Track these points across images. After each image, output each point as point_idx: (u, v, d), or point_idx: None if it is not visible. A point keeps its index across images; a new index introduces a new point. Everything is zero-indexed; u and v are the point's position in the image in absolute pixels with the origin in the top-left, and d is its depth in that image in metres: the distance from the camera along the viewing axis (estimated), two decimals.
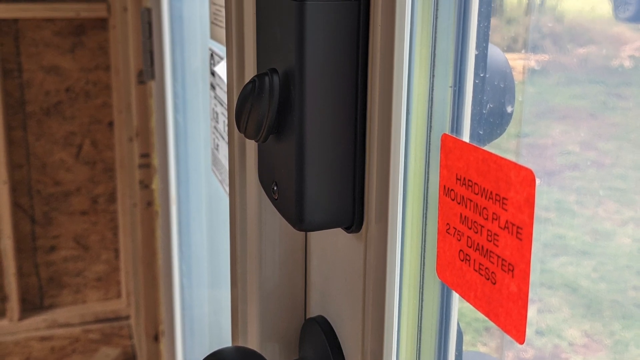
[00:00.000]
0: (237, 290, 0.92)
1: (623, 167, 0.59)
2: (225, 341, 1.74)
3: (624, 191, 0.60)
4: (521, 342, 0.50)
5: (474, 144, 0.54)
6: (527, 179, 0.48)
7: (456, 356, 0.66)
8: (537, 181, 0.48)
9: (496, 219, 0.52)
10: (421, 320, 0.66)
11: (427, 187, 0.63)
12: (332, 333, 0.78)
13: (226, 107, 1.22)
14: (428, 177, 0.63)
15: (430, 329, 0.66)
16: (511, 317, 0.51)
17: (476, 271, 0.54)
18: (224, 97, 1.37)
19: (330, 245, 0.77)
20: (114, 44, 2.97)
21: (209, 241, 2.01)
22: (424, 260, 0.65)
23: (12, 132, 3.03)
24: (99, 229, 3.29)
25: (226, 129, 1.35)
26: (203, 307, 2.16)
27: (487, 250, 0.53)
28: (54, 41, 2.99)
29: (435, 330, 0.66)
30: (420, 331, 0.66)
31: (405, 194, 0.63)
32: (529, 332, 0.51)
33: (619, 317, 0.62)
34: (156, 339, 2.72)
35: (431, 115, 0.61)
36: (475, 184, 0.54)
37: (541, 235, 0.60)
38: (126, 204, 3.06)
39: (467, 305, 0.56)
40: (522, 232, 0.49)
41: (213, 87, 1.49)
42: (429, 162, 0.62)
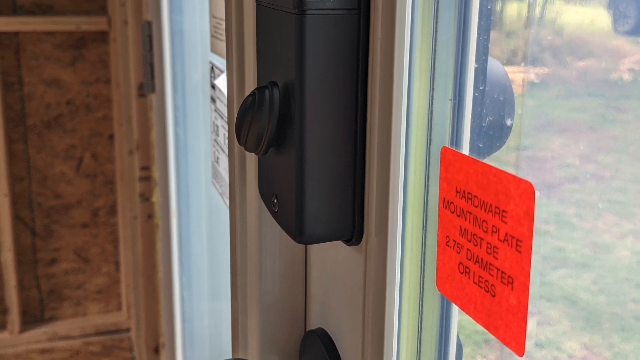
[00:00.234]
0: (237, 303, 0.92)
1: (622, 179, 0.59)
2: (226, 353, 1.74)
3: (623, 204, 0.60)
4: (521, 354, 0.50)
5: (474, 157, 0.54)
6: (527, 191, 0.48)
7: None
8: (537, 194, 0.48)
9: (496, 232, 0.52)
10: (421, 332, 0.66)
11: (427, 199, 0.63)
12: (332, 345, 0.78)
13: (226, 120, 1.22)
14: (428, 189, 0.63)
15: (430, 341, 0.66)
16: (511, 330, 0.51)
17: (476, 284, 0.54)
18: (224, 110, 1.37)
19: (330, 257, 0.77)
20: (115, 57, 2.97)
21: (209, 254, 2.01)
22: (423, 273, 0.65)
23: (13, 145, 3.03)
24: (99, 241, 3.29)
25: (226, 141, 1.35)
26: (203, 320, 2.16)
27: (486, 262, 0.53)
28: (54, 54, 2.99)
29: (435, 342, 0.66)
30: (420, 343, 0.66)
31: (405, 206, 0.63)
32: (529, 344, 0.51)
33: (618, 330, 0.62)
34: (157, 351, 2.72)
35: (431, 128, 0.61)
36: (475, 196, 0.54)
37: (541, 247, 0.60)
38: (127, 217, 3.06)
39: (466, 317, 0.56)
40: (521, 245, 0.49)
41: (213, 100, 1.49)
42: (428, 174, 0.62)
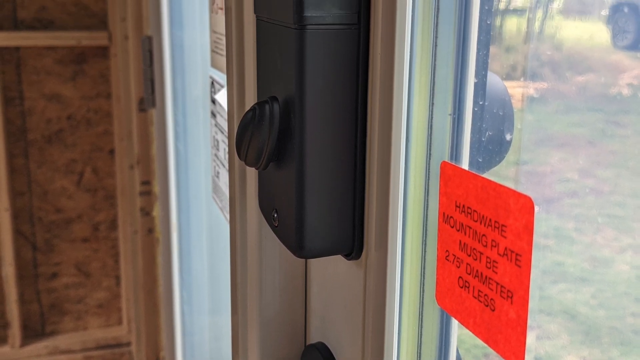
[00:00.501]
0: (237, 317, 0.92)
1: (621, 194, 0.59)
2: None
3: (622, 218, 0.60)
4: None
5: (473, 172, 0.54)
6: (526, 206, 0.48)
7: None
8: (536, 208, 0.48)
9: (495, 246, 0.52)
10: (421, 346, 0.66)
11: (427, 214, 0.63)
12: (332, 359, 0.78)
13: (227, 135, 1.22)
14: (427, 204, 0.63)
15: (430, 355, 0.66)
16: (510, 344, 0.51)
17: (475, 298, 0.55)
18: (224, 124, 1.37)
19: (330, 272, 0.77)
20: (115, 72, 2.97)
21: (210, 268, 2.01)
22: (423, 287, 0.65)
23: (14, 160, 3.03)
24: (100, 256, 3.29)
25: (227, 156, 1.36)
26: (204, 334, 2.16)
27: (486, 277, 0.53)
28: (55, 69, 2.99)
29: (434, 356, 0.66)
30: (420, 358, 0.66)
31: (405, 221, 0.63)
32: (528, 358, 0.51)
33: (618, 344, 0.62)
34: None
35: (430, 143, 0.62)
36: (475, 211, 0.54)
37: (540, 262, 0.60)
38: (127, 231, 3.05)
39: (466, 331, 0.56)
40: (521, 259, 0.49)
41: (214, 114, 1.50)
42: (428, 189, 0.63)
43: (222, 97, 1.41)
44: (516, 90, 0.62)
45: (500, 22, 0.62)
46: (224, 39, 1.16)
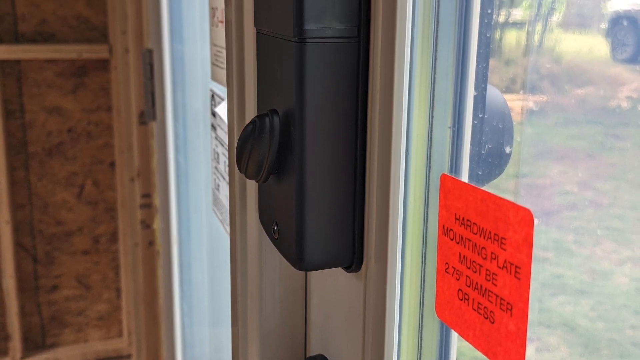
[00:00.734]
0: (237, 329, 0.92)
1: (621, 207, 0.59)
2: None
3: (621, 231, 0.60)
4: None
5: (473, 184, 0.54)
6: (526, 218, 0.49)
7: None
8: (536, 221, 0.48)
9: (495, 259, 0.52)
10: (420, 359, 0.66)
11: (426, 226, 0.63)
12: None
13: (227, 148, 1.22)
14: (427, 216, 0.63)
15: None
16: (510, 356, 0.51)
17: (475, 310, 0.55)
18: (224, 137, 1.38)
19: (330, 284, 0.77)
20: (116, 85, 2.98)
21: (210, 280, 2.01)
22: (423, 300, 0.65)
23: (15, 173, 3.03)
24: (100, 268, 3.29)
25: (227, 169, 1.36)
26: (204, 346, 2.15)
27: (485, 289, 0.53)
28: (56, 82, 3.00)
29: None
30: None
31: (405, 233, 0.63)
32: None
33: (617, 356, 0.62)
34: None
35: (430, 156, 0.62)
36: (474, 223, 0.54)
37: (539, 274, 0.60)
38: (128, 244, 3.05)
39: (466, 344, 0.56)
40: (520, 272, 0.49)
41: (214, 127, 1.50)
42: (428, 202, 0.63)
43: (222, 109, 1.41)
44: (516, 103, 0.62)
45: (500, 35, 0.62)
46: (224, 51, 1.16)
